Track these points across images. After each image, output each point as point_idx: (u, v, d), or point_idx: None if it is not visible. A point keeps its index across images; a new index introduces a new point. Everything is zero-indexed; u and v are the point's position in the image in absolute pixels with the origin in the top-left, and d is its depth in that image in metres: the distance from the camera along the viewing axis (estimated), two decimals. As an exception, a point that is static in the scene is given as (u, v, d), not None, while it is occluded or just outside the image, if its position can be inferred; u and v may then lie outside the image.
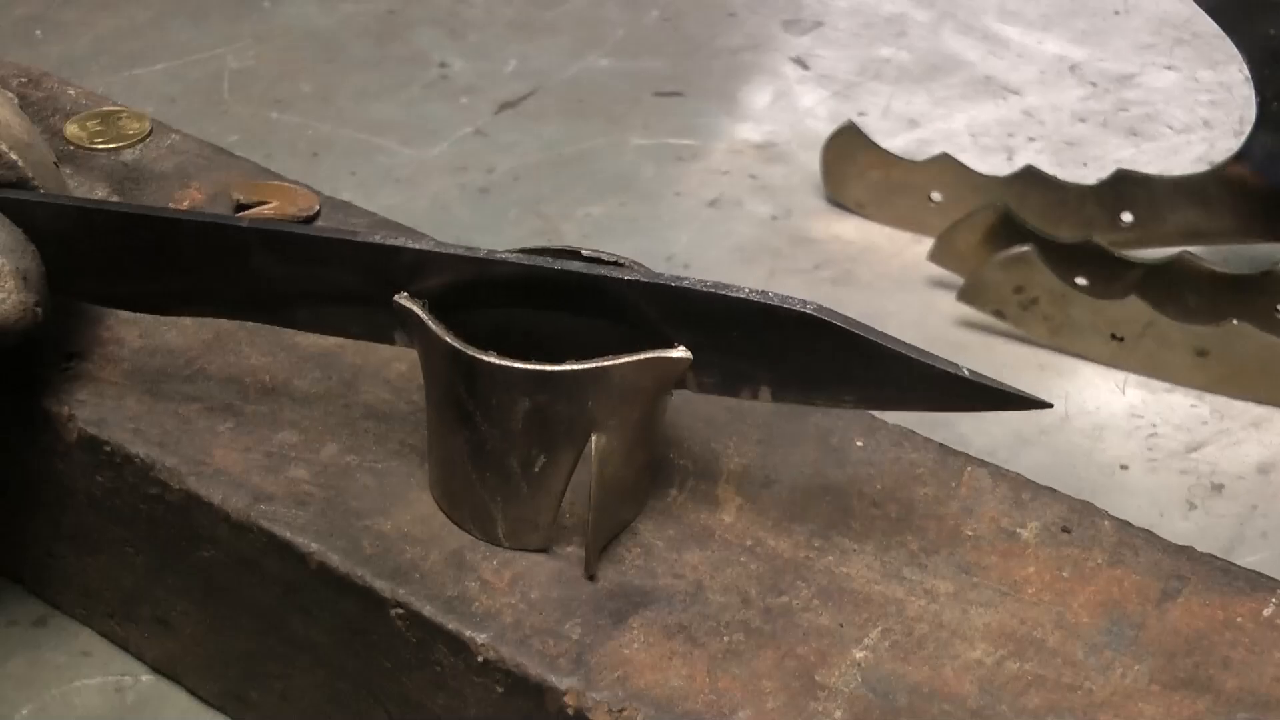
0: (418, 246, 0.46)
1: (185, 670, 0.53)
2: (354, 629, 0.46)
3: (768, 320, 0.43)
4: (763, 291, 0.43)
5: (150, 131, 0.65)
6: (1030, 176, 0.77)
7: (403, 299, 0.45)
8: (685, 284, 0.44)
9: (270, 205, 0.59)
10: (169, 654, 0.53)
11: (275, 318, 0.49)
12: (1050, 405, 0.43)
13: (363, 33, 0.99)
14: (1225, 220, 0.74)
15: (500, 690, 0.43)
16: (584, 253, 0.47)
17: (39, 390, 0.52)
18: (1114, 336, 0.70)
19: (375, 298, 0.46)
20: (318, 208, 0.60)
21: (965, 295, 0.72)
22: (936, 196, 0.79)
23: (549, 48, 0.98)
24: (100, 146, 0.64)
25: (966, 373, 0.42)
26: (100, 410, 0.51)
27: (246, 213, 0.59)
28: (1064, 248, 0.72)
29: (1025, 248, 0.70)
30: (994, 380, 0.43)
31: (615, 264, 0.47)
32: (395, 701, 0.47)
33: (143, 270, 0.50)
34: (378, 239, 0.46)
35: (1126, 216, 0.76)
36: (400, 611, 0.45)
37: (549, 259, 0.45)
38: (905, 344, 0.43)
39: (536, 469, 0.45)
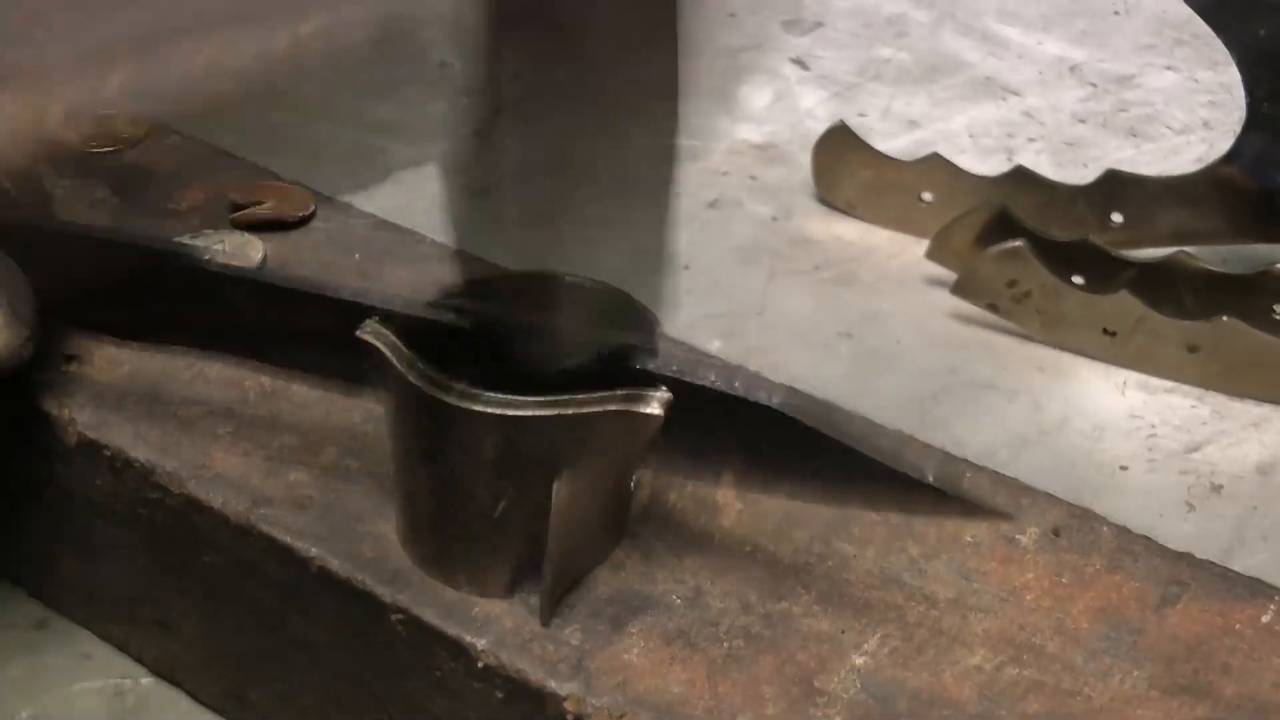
0: (386, 307, 0.44)
1: (185, 673, 0.53)
2: (354, 633, 0.46)
3: (732, 408, 0.42)
4: (731, 373, 0.43)
5: (146, 134, 0.65)
6: (1021, 177, 0.77)
7: (367, 332, 0.44)
8: (649, 366, 0.43)
9: (266, 206, 0.59)
10: (169, 657, 0.53)
11: (252, 355, 0.49)
12: (1011, 517, 0.43)
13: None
14: (1216, 221, 0.74)
15: (500, 696, 0.43)
16: (567, 278, 0.46)
17: (39, 394, 0.52)
18: (1106, 331, 0.70)
19: (347, 344, 0.45)
20: (313, 208, 0.60)
21: (959, 289, 0.72)
22: (927, 196, 0.79)
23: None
24: (95, 150, 0.64)
25: (931, 478, 0.42)
26: (101, 414, 0.51)
27: (241, 213, 0.59)
28: (1059, 246, 0.72)
29: (1018, 242, 0.70)
30: (958, 489, 0.43)
31: (600, 290, 0.46)
32: (396, 704, 0.47)
33: (122, 297, 0.50)
34: (346, 296, 0.45)
35: (1117, 217, 0.76)
36: (400, 616, 0.45)
37: (519, 323, 0.44)
38: (876, 434, 0.43)
39: (498, 513, 0.44)
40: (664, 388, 0.42)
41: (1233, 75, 0.71)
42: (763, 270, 0.77)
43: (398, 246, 0.60)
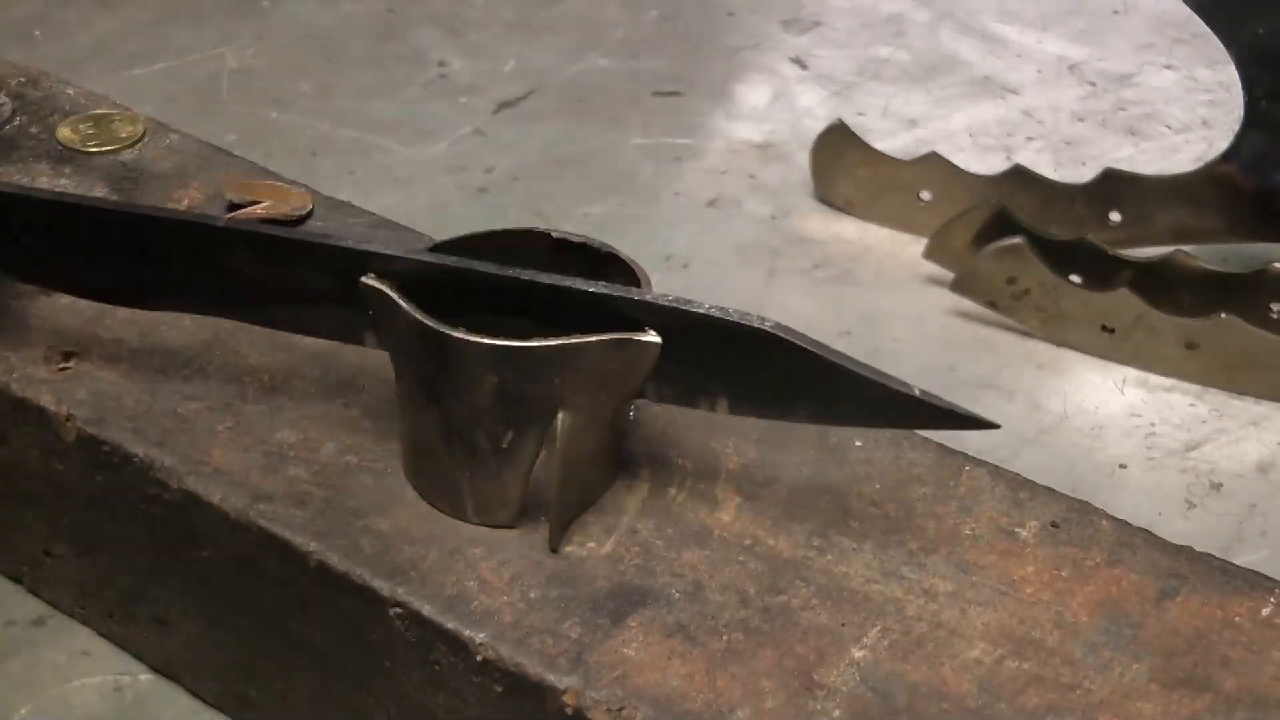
0: (387, 251, 0.46)
1: (184, 670, 0.53)
2: (353, 628, 0.46)
3: (727, 335, 0.44)
4: (722, 308, 0.44)
5: (144, 134, 0.65)
6: (1019, 175, 0.77)
7: (370, 279, 0.46)
8: (647, 296, 0.44)
9: (263, 205, 0.59)
10: (168, 654, 0.53)
11: (250, 315, 0.50)
12: (998, 426, 0.44)
13: (362, 32, 0.99)
14: (1214, 220, 0.74)
15: (499, 689, 0.43)
16: (553, 234, 0.48)
17: (37, 390, 0.52)
18: (1105, 328, 0.70)
19: (346, 299, 0.47)
20: (310, 207, 0.60)
21: (958, 286, 0.72)
22: (925, 195, 0.79)
23: (548, 47, 0.98)
24: (93, 150, 0.64)
25: (918, 392, 0.44)
26: (99, 410, 0.51)
27: (237, 213, 0.59)
28: (1058, 245, 0.72)
29: (1017, 239, 0.70)
30: (944, 400, 0.44)
31: (584, 246, 0.48)
32: (394, 701, 0.47)
33: (120, 265, 0.50)
34: (348, 243, 0.47)
35: (1115, 216, 0.76)
36: (399, 611, 0.45)
37: (518, 269, 0.45)
38: (860, 363, 0.44)
39: (504, 445, 0.45)
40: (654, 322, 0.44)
41: (1232, 74, 0.71)
42: (762, 269, 0.77)
43: (397, 244, 0.60)
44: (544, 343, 0.44)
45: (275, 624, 0.48)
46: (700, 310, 0.44)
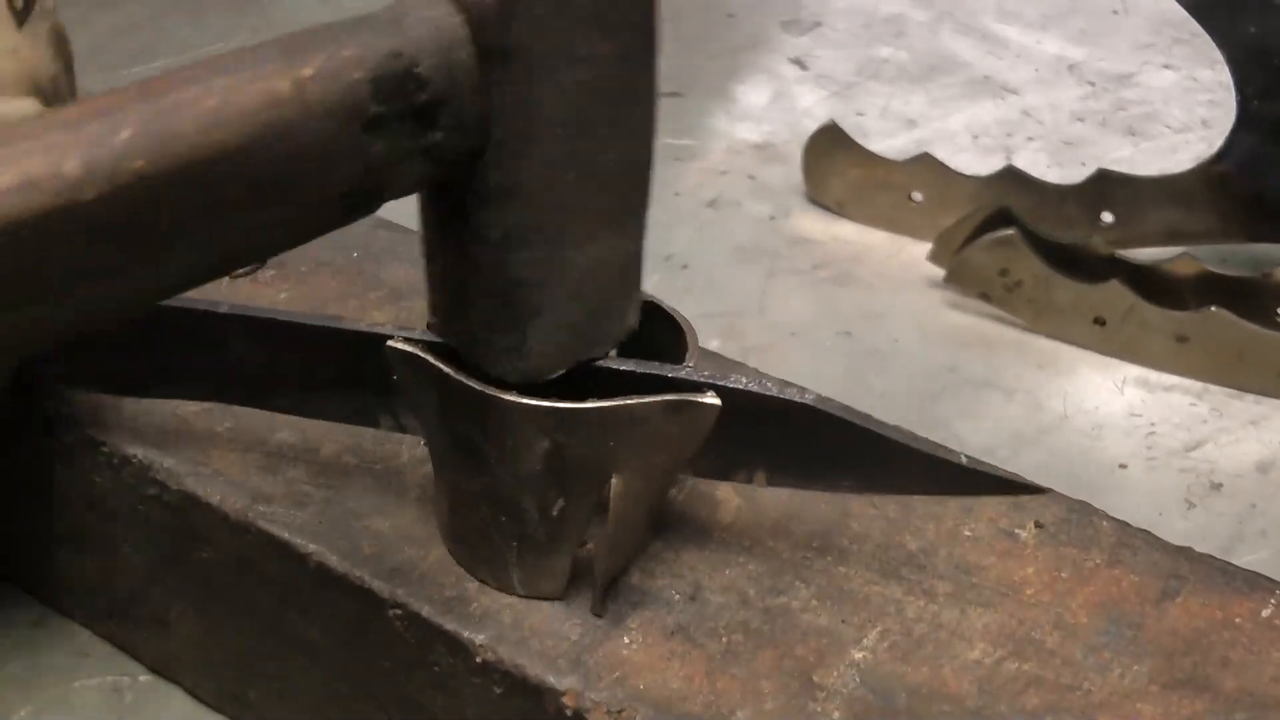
0: (399, 338, 0.43)
1: (184, 671, 0.53)
2: (352, 629, 0.46)
3: (765, 409, 0.43)
4: (761, 381, 0.43)
5: None
6: (1011, 176, 0.77)
7: (397, 342, 0.43)
8: (681, 373, 0.43)
9: None
10: (167, 655, 0.53)
11: (256, 402, 0.48)
12: (1046, 491, 0.43)
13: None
14: (1206, 220, 0.74)
15: (499, 691, 0.43)
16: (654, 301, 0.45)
17: (37, 391, 0.52)
18: (1096, 321, 0.70)
19: (359, 382, 0.45)
20: None
21: (952, 278, 0.73)
22: (917, 196, 0.79)
23: (547, 47, 0.98)
24: None
25: (964, 460, 0.43)
26: (98, 411, 0.51)
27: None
28: (1058, 247, 0.72)
29: (1009, 231, 0.70)
30: (991, 467, 0.43)
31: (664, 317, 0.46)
32: (394, 702, 0.47)
33: (120, 349, 0.48)
34: (362, 327, 0.45)
35: (1107, 216, 0.76)
36: (399, 612, 0.44)
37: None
38: (906, 432, 0.43)
39: (554, 513, 0.43)
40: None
41: (1231, 74, 0.71)
42: (761, 269, 0.77)
43: (399, 245, 0.60)
44: (601, 404, 0.41)
45: (274, 625, 0.48)
46: (738, 385, 0.42)
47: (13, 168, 0.33)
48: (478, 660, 0.43)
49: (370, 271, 0.58)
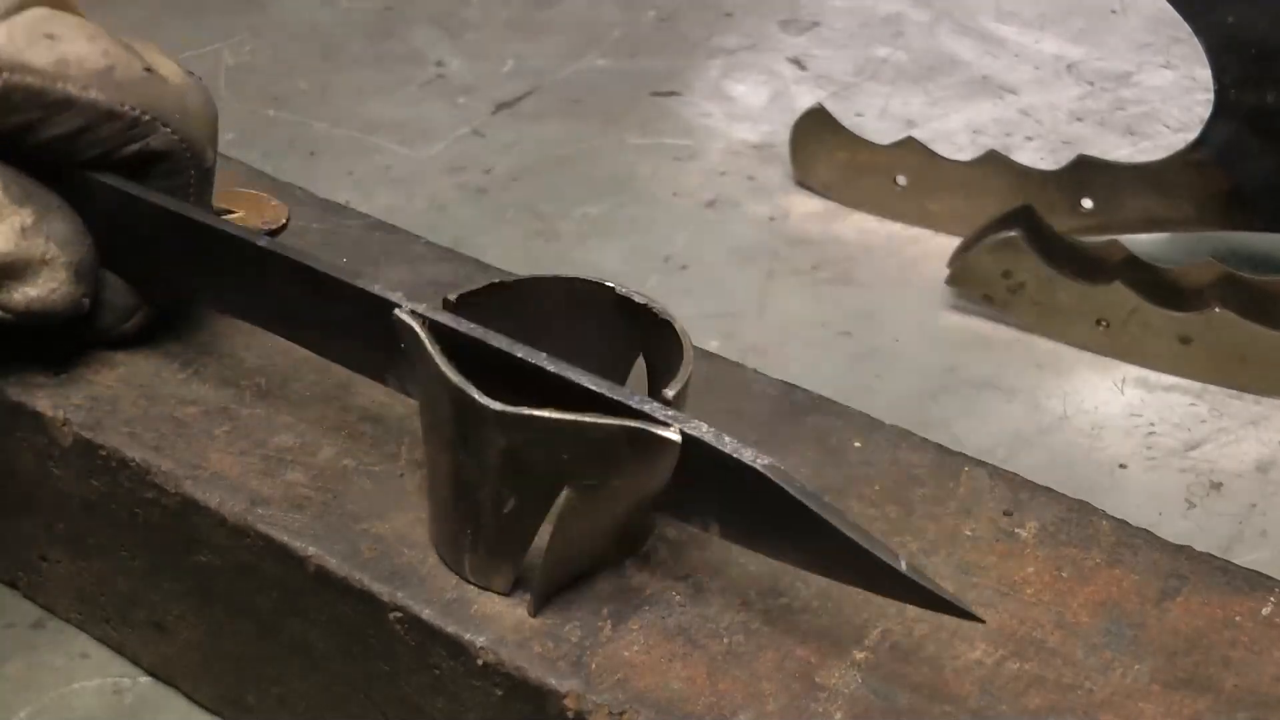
0: (411, 311, 0.45)
1: (183, 674, 0.53)
2: (352, 632, 0.46)
3: (721, 464, 0.41)
4: (719, 435, 0.41)
5: None
6: (993, 161, 0.77)
7: (403, 313, 0.44)
8: (645, 407, 0.42)
9: (236, 215, 0.57)
10: (166, 658, 0.53)
11: (285, 333, 0.50)
12: (983, 621, 0.40)
13: (360, 30, 0.99)
14: (1184, 208, 0.74)
15: (500, 694, 0.43)
16: (617, 290, 0.47)
17: (34, 394, 0.52)
18: (1099, 322, 0.70)
19: (373, 337, 0.46)
20: (285, 220, 0.57)
21: (954, 280, 0.72)
22: (902, 180, 0.79)
23: (546, 48, 0.98)
24: None
25: (904, 567, 0.40)
26: (95, 414, 0.51)
27: None
28: (1069, 249, 0.72)
29: (1012, 233, 0.70)
30: (929, 580, 0.40)
31: (645, 308, 0.46)
32: (394, 705, 0.46)
33: (177, 263, 0.51)
34: (376, 290, 0.46)
35: (1086, 203, 0.76)
36: (398, 615, 0.44)
37: (527, 350, 0.44)
38: (852, 524, 0.41)
39: (506, 510, 0.43)
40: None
41: (1232, 73, 0.71)
42: (761, 269, 0.77)
43: (394, 247, 0.60)
44: (551, 414, 0.41)
45: (273, 628, 0.48)
46: (695, 433, 0.41)
47: None
48: (478, 663, 0.43)
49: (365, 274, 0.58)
